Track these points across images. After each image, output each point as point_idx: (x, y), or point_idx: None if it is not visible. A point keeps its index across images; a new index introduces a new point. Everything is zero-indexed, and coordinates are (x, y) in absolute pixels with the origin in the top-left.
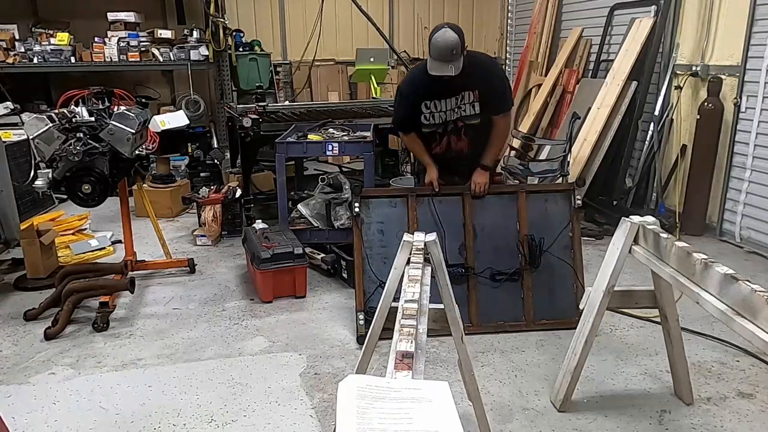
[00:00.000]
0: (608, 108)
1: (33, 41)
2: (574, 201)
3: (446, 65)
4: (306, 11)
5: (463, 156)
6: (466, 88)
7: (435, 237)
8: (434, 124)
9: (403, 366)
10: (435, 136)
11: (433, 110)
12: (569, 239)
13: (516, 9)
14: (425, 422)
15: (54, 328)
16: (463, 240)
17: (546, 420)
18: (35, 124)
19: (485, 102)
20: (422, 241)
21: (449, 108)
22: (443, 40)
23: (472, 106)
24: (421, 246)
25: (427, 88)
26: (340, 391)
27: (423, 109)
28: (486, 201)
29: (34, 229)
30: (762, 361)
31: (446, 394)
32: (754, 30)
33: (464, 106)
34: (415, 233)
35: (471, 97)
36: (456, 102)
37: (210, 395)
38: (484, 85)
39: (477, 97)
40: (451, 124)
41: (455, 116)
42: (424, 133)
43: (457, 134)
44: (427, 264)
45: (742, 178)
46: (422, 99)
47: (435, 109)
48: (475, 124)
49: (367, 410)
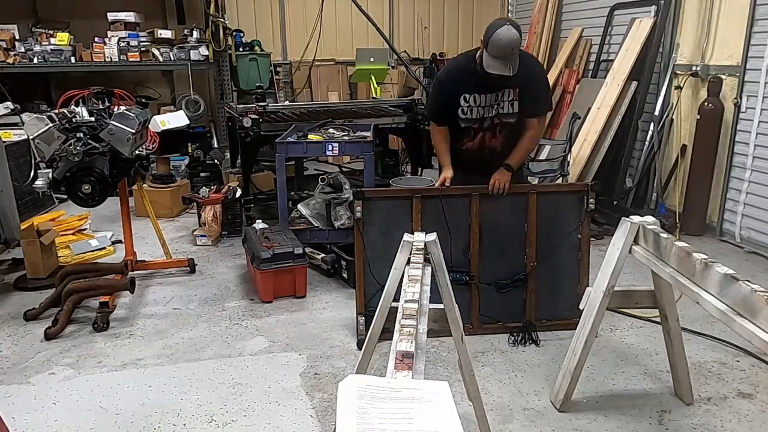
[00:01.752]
0: (608, 108)
1: (33, 41)
2: (586, 203)
3: (505, 64)
4: (306, 11)
5: (495, 155)
6: (507, 86)
7: (435, 237)
8: (471, 119)
9: (403, 366)
10: (470, 131)
11: (472, 104)
12: (578, 240)
13: (516, 9)
14: (425, 422)
15: (54, 328)
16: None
17: (546, 420)
18: (35, 124)
19: (523, 102)
20: (422, 241)
21: (488, 104)
22: (507, 38)
23: (511, 104)
24: (421, 246)
25: (469, 81)
26: (340, 391)
27: (462, 102)
28: (495, 201)
29: (34, 229)
30: (762, 361)
31: (446, 393)
32: (754, 30)
33: (503, 103)
34: (416, 233)
35: (511, 95)
36: (496, 98)
37: (210, 395)
38: (525, 84)
39: (516, 95)
40: (488, 120)
41: (493, 113)
42: (460, 127)
43: (492, 131)
44: (427, 264)
45: (742, 178)
46: (462, 92)
47: (474, 103)
48: (511, 123)
49: (367, 410)
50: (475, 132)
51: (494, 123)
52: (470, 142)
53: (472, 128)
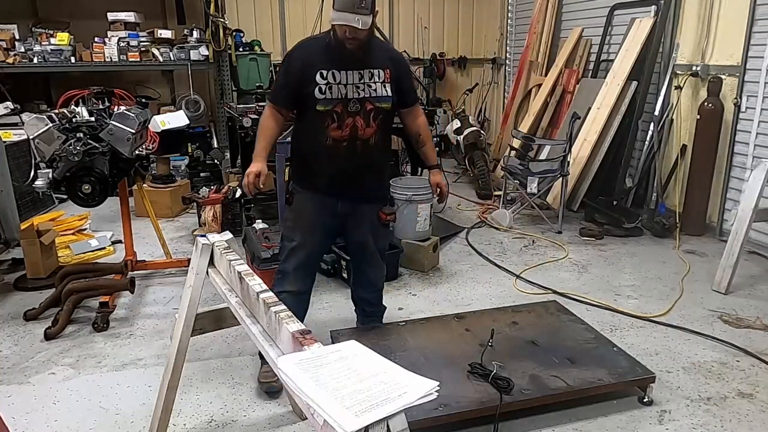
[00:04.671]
0: (608, 108)
1: (33, 41)
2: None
3: (353, 16)
4: (306, 11)
5: (369, 151)
6: (375, 65)
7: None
8: (332, 99)
9: (309, 341)
10: (333, 115)
11: (331, 81)
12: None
13: (516, 9)
14: (369, 369)
15: (54, 328)
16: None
17: (546, 420)
18: (35, 124)
19: (398, 89)
20: (223, 240)
21: (351, 82)
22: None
23: (384, 86)
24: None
25: (325, 56)
26: (285, 368)
27: (318, 79)
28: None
29: (34, 229)
30: (762, 361)
31: (361, 347)
32: (754, 30)
33: (375, 84)
34: (208, 234)
35: (382, 75)
36: (361, 77)
37: (210, 395)
38: (396, 69)
39: (389, 77)
40: (355, 103)
41: (363, 94)
42: (319, 112)
43: (365, 118)
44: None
45: (742, 178)
46: (318, 67)
47: (333, 80)
48: (386, 109)
49: (319, 377)
50: (341, 117)
51: (366, 108)
52: (338, 130)
53: (335, 112)
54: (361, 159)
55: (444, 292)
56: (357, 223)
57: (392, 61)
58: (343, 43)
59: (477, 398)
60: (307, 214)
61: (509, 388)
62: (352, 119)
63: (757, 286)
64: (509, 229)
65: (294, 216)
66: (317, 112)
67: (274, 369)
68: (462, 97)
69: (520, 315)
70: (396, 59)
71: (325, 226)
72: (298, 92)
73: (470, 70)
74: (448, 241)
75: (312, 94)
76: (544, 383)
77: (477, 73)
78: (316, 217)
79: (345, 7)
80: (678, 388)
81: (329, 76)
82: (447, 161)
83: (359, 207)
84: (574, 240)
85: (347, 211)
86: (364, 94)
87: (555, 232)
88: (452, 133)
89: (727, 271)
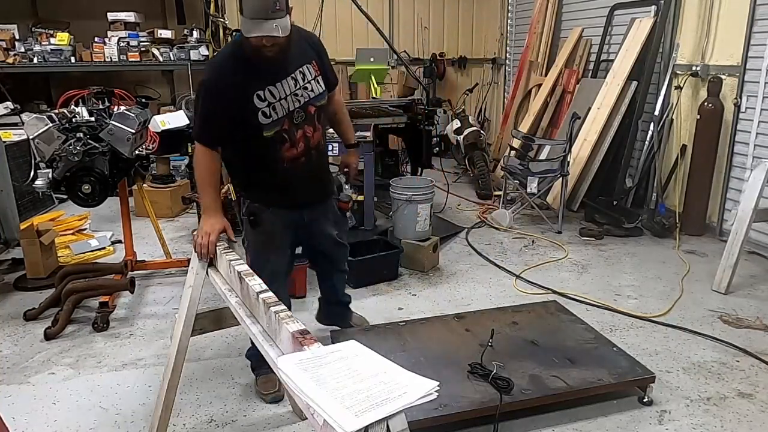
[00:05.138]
0: (608, 108)
1: (33, 41)
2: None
3: (269, 24)
4: (306, 11)
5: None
6: (302, 62)
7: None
8: (278, 120)
9: (309, 341)
10: (282, 136)
11: (271, 100)
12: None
13: (516, 9)
14: (369, 369)
15: (54, 328)
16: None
17: (546, 420)
18: (35, 124)
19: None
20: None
21: (289, 92)
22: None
23: (317, 81)
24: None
25: (250, 73)
26: (285, 368)
27: (257, 102)
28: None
29: (34, 229)
30: (762, 361)
31: (361, 347)
32: (754, 30)
33: (309, 84)
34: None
35: (312, 71)
36: (296, 83)
37: (209, 395)
38: (319, 55)
39: (318, 69)
40: (300, 112)
41: (303, 100)
42: (265, 138)
43: (311, 124)
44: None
45: (742, 178)
46: (251, 89)
47: (273, 98)
48: (324, 106)
49: (320, 377)
50: (293, 133)
51: (311, 112)
52: (292, 149)
53: (284, 131)
54: (317, 165)
55: (444, 292)
56: (321, 223)
57: (313, 48)
58: (260, 51)
59: (477, 398)
60: (277, 234)
61: (509, 388)
62: (301, 131)
63: (757, 286)
64: (509, 229)
65: (264, 238)
66: (263, 138)
67: (274, 369)
68: (462, 97)
69: (520, 315)
70: (314, 43)
71: (294, 240)
72: (233, 123)
73: (470, 70)
74: (448, 241)
75: (253, 121)
76: (544, 383)
77: (477, 73)
78: (286, 235)
79: (258, 14)
80: (678, 388)
81: (267, 95)
82: (447, 161)
83: (321, 207)
84: (574, 240)
85: (313, 217)
86: (304, 99)
87: (555, 232)
88: (452, 133)
89: (727, 271)
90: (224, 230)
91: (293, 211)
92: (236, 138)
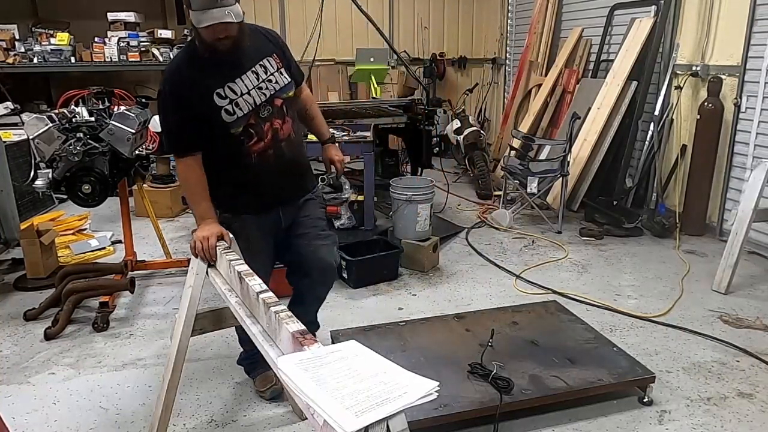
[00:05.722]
0: (608, 108)
1: (33, 41)
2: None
3: (220, 11)
4: (306, 11)
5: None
6: (263, 55)
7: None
8: (243, 116)
9: (310, 341)
10: (248, 131)
11: (233, 96)
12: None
13: (516, 9)
14: (369, 369)
15: (54, 328)
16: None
17: (546, 420)
18: (35, 124)
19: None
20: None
21: (253, 86)
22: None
23: (281, 73)
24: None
25: (206, 72)
26: (285, 368)
27: (217, 101)
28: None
29: (34, 229)
30: (762, 361)
31: (362, 347)
32: (754, 30)
33: (273, 77)
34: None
35: (275, 63)
36: (257, 76)
37: (210, 395)
38: (280, 49)
39: (281, 62)
40: (265, 105)
41: (269, 93)
42: (233, 136)
43: (281, 117)
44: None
45: (742, 178)
46: (209, 90)
47: (234, 94)
48: (292, 98)
49: (320, 377)
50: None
51: (277, 105)
52: (259, 142)
53: (250, 125)
54: (289, 158)
55: (444, 292)
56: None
57: (272, 42)
58: (214, 47)
59: (477, 398)
60: (255, 242)
61: (509, 388)
62: (268, 124)
63: (757, 286)
64: (509, 229)
65: (242, 245)
66: (231, 136)
67: (274, 369)
68: (462, 97)
69: (520, 315)
70: (274, 38)
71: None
72: (202, 125)
73: (470, 70)
74: (448, 241)
75: (219, 120)
76: (544, 383)
77: (477, 73)
78: (264, 241)
79: (206, 4)
80: (678, 388)
81: (227, 92)
82: (447, 161)
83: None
84: (574, 240)
85: (291, 218)
86: (269, 92)
87: (555, 232)
88: (452, 133)
89: (727, 271)
90: (221, 235)
91: (267, 214)
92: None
